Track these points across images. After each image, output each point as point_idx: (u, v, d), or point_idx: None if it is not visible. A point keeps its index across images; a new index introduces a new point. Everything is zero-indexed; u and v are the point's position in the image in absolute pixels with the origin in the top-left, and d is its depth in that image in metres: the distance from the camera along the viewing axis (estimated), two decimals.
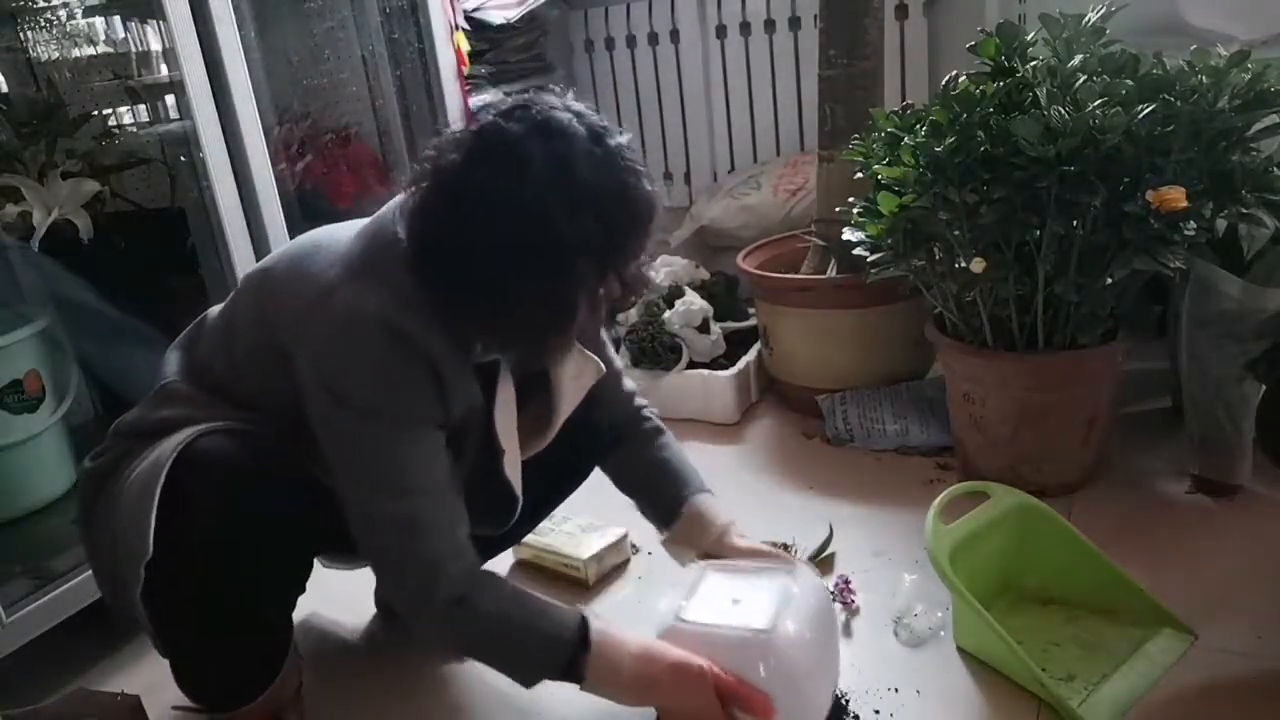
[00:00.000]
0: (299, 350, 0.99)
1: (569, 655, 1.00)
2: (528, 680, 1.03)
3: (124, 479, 1.02)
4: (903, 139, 1.47)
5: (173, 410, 1.06)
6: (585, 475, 1.32)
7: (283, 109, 1.92)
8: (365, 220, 1.07)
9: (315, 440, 1.01)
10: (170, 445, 0.99)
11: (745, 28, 2.44)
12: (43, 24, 1.73)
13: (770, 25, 2.41)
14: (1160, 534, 1.45)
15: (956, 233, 1.45)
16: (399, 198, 1.04)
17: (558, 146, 0.91)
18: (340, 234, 1.06)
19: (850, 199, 1.68)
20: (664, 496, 1.24)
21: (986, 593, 1.26)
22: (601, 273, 0.97)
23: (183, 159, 1.56)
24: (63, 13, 1.73)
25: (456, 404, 1.03)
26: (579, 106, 0.97)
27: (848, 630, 1.32)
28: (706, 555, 1.18)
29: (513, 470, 1.12)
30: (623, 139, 0.97)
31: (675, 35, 2.52)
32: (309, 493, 1.05)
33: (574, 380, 1.16)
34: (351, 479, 1.01)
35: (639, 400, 1.31)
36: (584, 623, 1.01)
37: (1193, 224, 1.34)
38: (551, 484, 1.29)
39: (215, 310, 1.16)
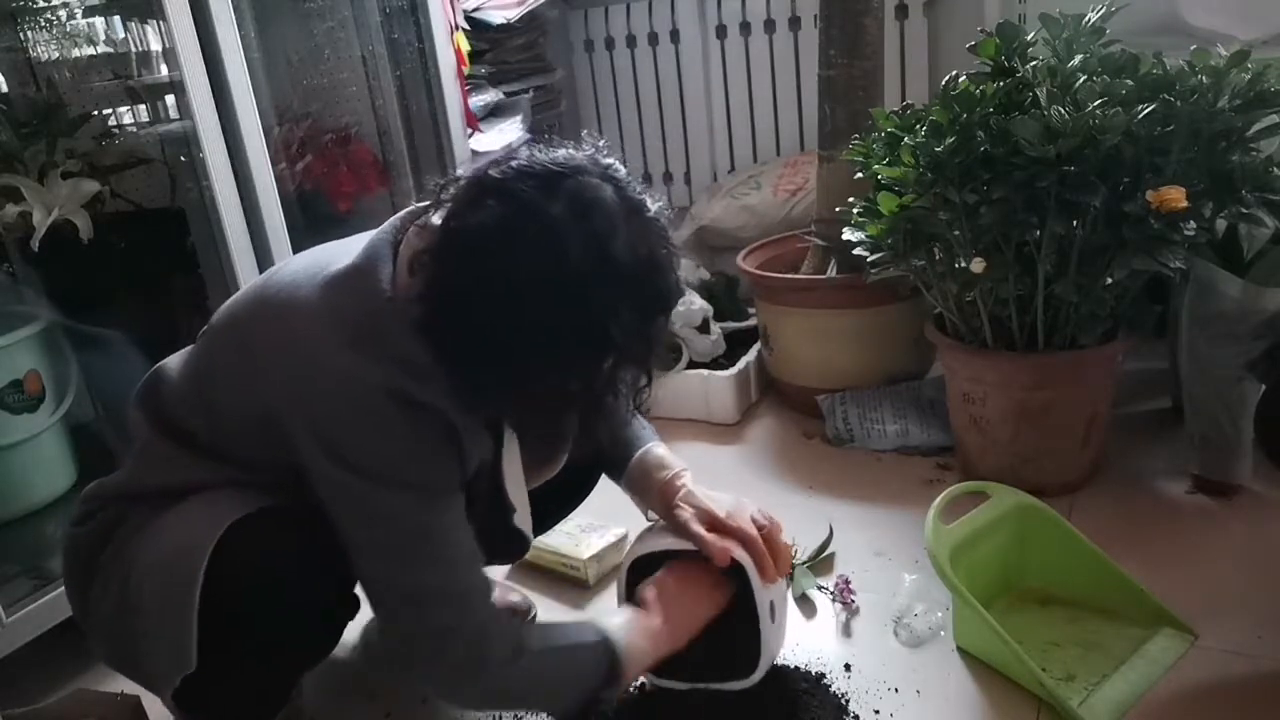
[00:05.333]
0: (301, 430, 0.92)
1: (608, 657, 1.02)
2: (573, 706, 1.04)
3: (129, 554, 0.97)
4: (903, 139, 1.47)
5: (167, 475, 1.01)
6: (591, 488, 1.31)
7: (283, 109, 1.92)
8: (333, 259, 0.98)
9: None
10: (191, 535, 0.93)
11: (745, 28, 2.44)
12: (43, 24, 1.73)
13: (770, 25, 2.41)
14: (1160, 534, 1.45)
15: (956, 233, 1.45)
16: (384, 235, 0.98)
17: (599, 231, 0.86)
18: (306, 285, 0.96)
19: (850, 199, 1.68)
20: (616, 454, 1.23)
21: (986, 593, 1.26)
22: (626, 362, 0.93)
23: (183, 159, 1.56)
24: (63, 13, 1.73)
25: (473, 458, 0.99)
26: (618, 173, 0.92)
27: (848, 630, 1.32)
28: (661, 501, 1.18)
29: (523, 521, 1.11)
30: (655, 209, 0.93)
31: (675, 35, 2.52)
32: (345, 564, 1.01)
33: None
34: (385, 552, 0.95)
35: None
36: (595, 625, 1.05)
37: (1193, 224, 1.34)
38: (559, 501, 1.27)
39: (173, 364, 1.07)
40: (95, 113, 1.77)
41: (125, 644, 0.99)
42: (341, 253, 0.99)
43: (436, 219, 0.93)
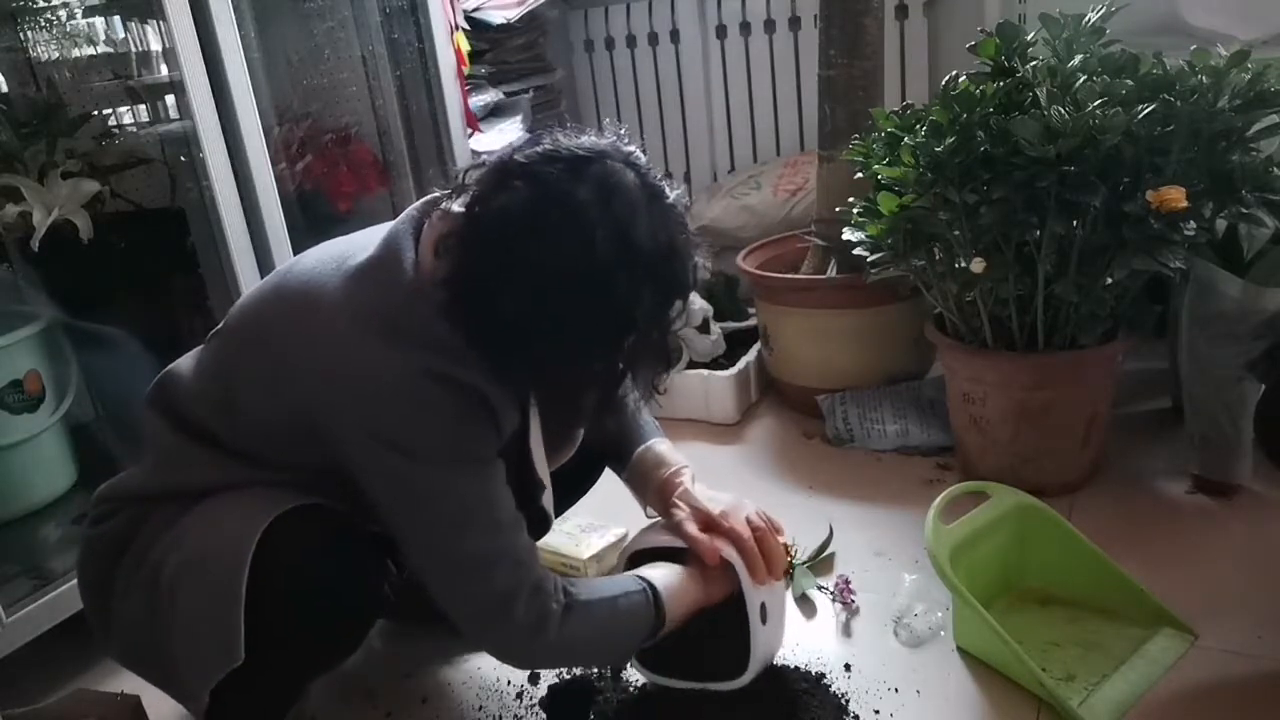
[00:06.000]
0: (347, 428, 0.93)
1: (653, 607, 1.04)
2: (628, 654, 1.08)
3: (158, 553, 0.97)
4: (903, 139, 1.47)
5: (189, 475, 1.01)
6: (596, 479, 1.31)
7: (283, 109, 1.92)
8: (350, 252, 0.98)
9: (354, 492, 0.97)
10: (230, 532, 0.93)
11: (745, 28, 2.44)
12: (43, 24, 1.73)
13: (770, 25, 2.41)
14: (1160, 534, 1.45)
15: (956, 233, 1.45)
16: (403, 224, 0.98)
17: (623, 215, 0.87)
18: (327, 279, 0.96)
19: (850, 199, 1.68)
20: (619, 448, 1.24)
21: (986, 593, 1.26)
22: (646, 346, 0.95)
23: (183, 159, 1.56)
24: (63, 13, 1.73)
25: (506, 430, 1.00)
26: (640, 159, 0.93)
27: (848, 630, 1.32)
28: (659, 499, 1.19)
29: (549, 501, 1.12)
30: (674, 196, 0.94)
31: (675, 35, 2.52)
32: (378, 561, 1.03)
33: None
34: (447, 527, 0.96)
35: None
36: (633, 575, 1.08)
37: (1193, 224, 1.34)
38: (565, 491, 1.27)
39: (185, 367, 1.07)
40: (95, 113, 1.77)
41: (150, 645, 0.99)
42: (358, 245, 0.99)
43: (458, 206, 0.93)
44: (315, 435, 0.95)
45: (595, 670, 1.25)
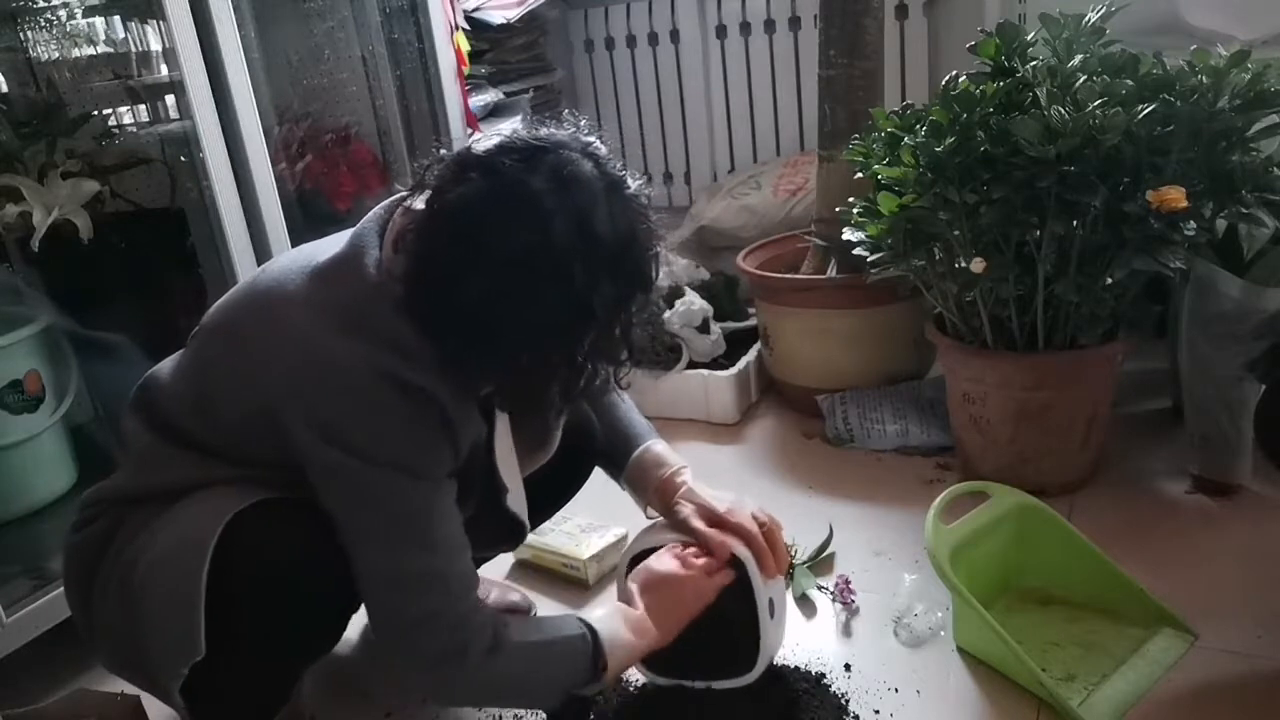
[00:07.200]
0: (297, 416, 0.93)
1: (591, 654, 1.01)
2: (559, 697, 1.04)
3: (131, 554, 0.97)
4: (903, 139, 1.47)
5: (168, 476, 1.01)
6: (586, 477, 1.31)
7: (283, 109, 1.92)
8: (320, 251, 1.00)
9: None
10: (196, 527, 0.93)
11: (745, 28, 2.45)
12: (43, 24, 1.73)
13: (770, 25, 2.41)
14: (1160, 534, 1.45)
15: (956, 233, 1.45)
16: (369, 224, 0.99)
17: (580, 204, 0.87)
18: (294, 278, 0.98)
19: (850, 199, 1.68)
20: (615, 452, 1.23)
21: (986, 593, 1.26)
22: (607, 337, 0.95)
23: (183, 159, 1.56)
24: (63, 13, 1.73)
25: (465, 442, 0.99)
26: (599, 150, 0.93)
27: (848, 630, 1.32)
28: (660, 498, 1.18)
29: (517, 503, 1.11)
30: (635, 187, 0.94)
31: (675, 35, 2.53)
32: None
33: None
34: (376, 535, 0.95)
35: None
36: (580, 620, 1.04)
37: (1193, 224, 1.34)
38: (555, 490, 1.28)
39: (165, 370, 1.07)
40: (95, 113, 1.77)
41: (129, 644, 0.99)
42: (328, 245, 1.01)
43: (420, 202, 0.94)
44: (277, 431, 0.95)
45: None
